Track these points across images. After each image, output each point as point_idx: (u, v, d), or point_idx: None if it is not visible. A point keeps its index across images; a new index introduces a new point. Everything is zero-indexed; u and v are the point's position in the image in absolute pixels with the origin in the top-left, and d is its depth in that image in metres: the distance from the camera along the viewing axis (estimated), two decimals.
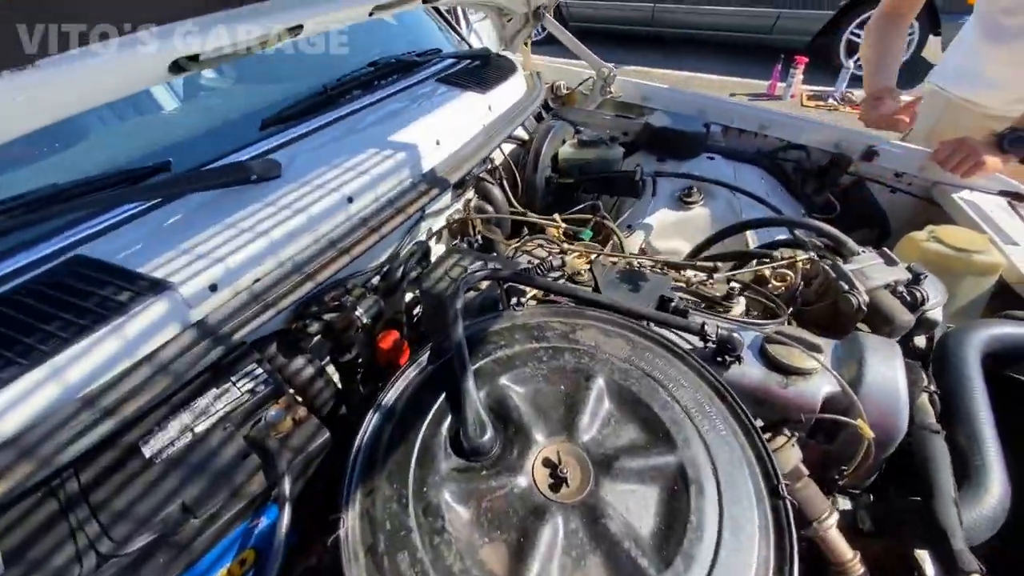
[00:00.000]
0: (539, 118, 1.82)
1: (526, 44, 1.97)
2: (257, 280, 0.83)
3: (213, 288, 0.78)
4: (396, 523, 0.61)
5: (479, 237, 1.40)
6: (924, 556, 0.74)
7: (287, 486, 0.66)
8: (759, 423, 0.81)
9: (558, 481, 0.65)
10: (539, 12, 1.80)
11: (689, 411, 0.71)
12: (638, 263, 1.07)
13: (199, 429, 0.70)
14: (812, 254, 1.07)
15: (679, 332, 0.87)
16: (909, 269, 1.06)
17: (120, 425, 0.66)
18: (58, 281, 0.74)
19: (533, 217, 1.42)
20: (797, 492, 0.74)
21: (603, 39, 7.40)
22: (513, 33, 1.88)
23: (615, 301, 0.87)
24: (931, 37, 5.52)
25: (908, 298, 1.02)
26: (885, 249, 1.07)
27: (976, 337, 0.93)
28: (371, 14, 0.97)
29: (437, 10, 1.88)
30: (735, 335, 0.83)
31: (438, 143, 1.19)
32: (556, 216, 1.34)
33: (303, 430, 0.72)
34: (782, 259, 1.10)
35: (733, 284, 1.01)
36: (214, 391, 0.74)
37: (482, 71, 1.59)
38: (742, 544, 0.60)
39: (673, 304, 0.92)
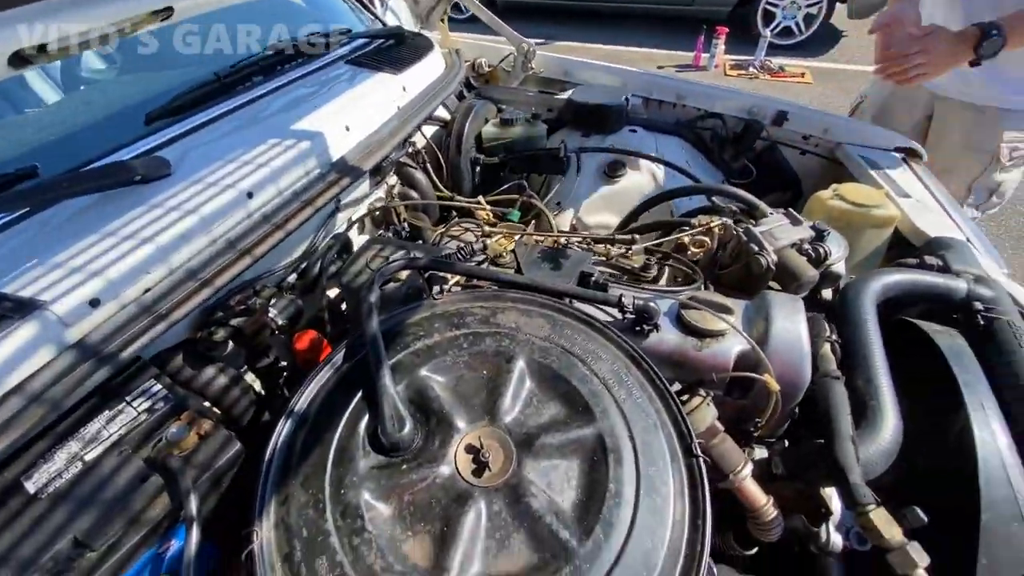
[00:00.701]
0: (461, 97, 1.77)
1: (443, 21, 1.90)
2: (147, 290, 0.76)
3: (94, 303, 0.71)
4: (313, 529, 0.59)
5: (405, 225, 1.36)
6: (831, 493, 0.79)
7: (193, 505, 0.62)
8: (677, 387, 0.84)
9: (481, 466, 0.65)
10: None
11: (607, 382, 0.72)
12: (563, 240, 1.07)
13: (90, 457, 0.64)
14: (726, 220, 1.11)
15: (599, 306, 0.88)
16: (813, 227, 1.12)
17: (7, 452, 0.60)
18: None
19: (459, 201, 1.39)
20: (713, 448, 0.78)
21: (533, 15, 7.33)
22: (427, 9, 1.81)
23: (535, 281, 0.87)
24: (838, 4, 5.84)
25: (813, 254, 1.08)
26: (791, 210, 1.13)
27: (871, 287, 0.99)
28: None
29: None
30: (651, 304, 0.84)
31: (348, 128, 1.13)
32: (481, 198, 1.31)
33: (210, 444, 0.68)
34: (699, 226, 1.13)
35: (650, 255, 1.03)
36: (106, 414, 0.68)
37: (395, 51, 1.52)
38: (658, 505, 0.62)
39: (593, 279, 0.93)
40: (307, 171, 1.02)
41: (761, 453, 0.88)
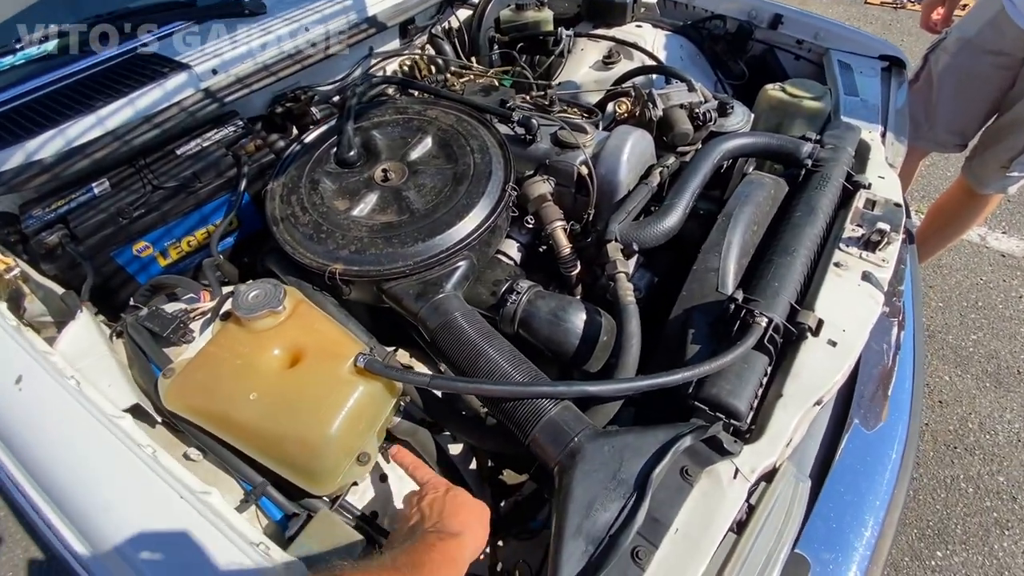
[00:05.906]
0: None
1: None
2: (242, 71, 1.35)
3: (214, 72, 1.31)
4: (294, 183, 1.15)
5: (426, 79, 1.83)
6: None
7: (245, 177, 1.20)
8: (537, 177, 1.26)
9: (387, 178, 1.16)
10: None
11: (474, 149, 1.18)
12: (496, 82, 1.49)
13: (205, 145, 1.25)
14: (634, 83, 1.43)
15: (502, 120, 1.30)
16: (719, 100, 1.40)
17: (163, 137, 1.22)
18: (124, 63, 1.29)
19: (468, 66, 1.82)
20: (541, 208, 1.19)
21: None
22: None
23: (459, 95, 1.31)
24: None
25: (700, 116, 1.37)
26: (692, 81, 1.41)
27: (725, 141, 1.28)
28: None
29: None
30: (532, 120, 1.25)
31: None
32: (475, 64, 1.74)
33: (259, 153, 1.26)
34: (620, 87, 1.47)
35: (554, 95, 1.40)
36: (214, 130, 1.28)
37: None
38: (477, 203, 1.08)
39: (508, 104, 1.34)
40: (348, 20, 1.53)
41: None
